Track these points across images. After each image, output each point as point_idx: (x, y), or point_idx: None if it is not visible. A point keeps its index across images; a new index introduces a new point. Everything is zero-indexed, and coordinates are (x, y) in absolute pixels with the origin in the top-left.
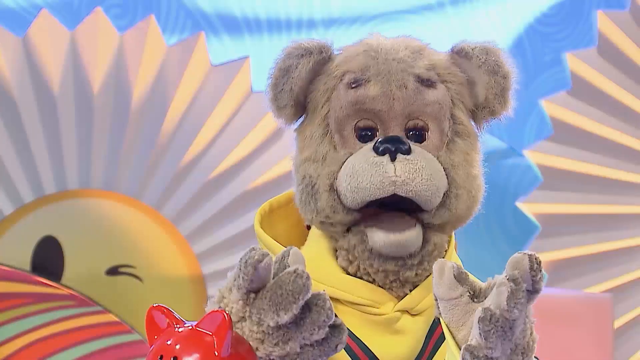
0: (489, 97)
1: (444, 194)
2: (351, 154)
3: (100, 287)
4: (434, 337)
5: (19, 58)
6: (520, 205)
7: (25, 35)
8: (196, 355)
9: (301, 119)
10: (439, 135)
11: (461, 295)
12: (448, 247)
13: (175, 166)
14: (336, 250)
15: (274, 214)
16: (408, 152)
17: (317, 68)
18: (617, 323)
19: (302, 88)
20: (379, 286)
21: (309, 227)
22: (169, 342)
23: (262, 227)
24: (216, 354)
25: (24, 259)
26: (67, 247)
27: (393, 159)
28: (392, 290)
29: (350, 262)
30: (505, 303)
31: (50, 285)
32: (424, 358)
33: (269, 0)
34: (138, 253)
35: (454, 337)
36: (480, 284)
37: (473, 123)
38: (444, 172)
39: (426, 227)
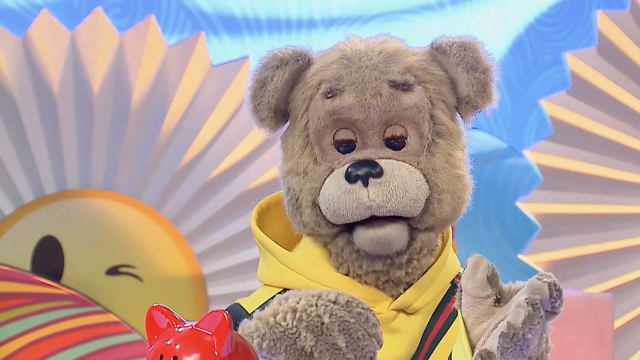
0: (470, 93)
1: (427, 200)
2: (331, 169)
3: (100, 287)
4: (430, 336)
5: (19, 58)
6: (520, 205)
7: (25, 35)
8: (196, 355)
9: (287, 124)
10: (419, 139)
11: (488, 297)
12: (444, 246)
13: (175, 166)
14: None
15: (270, 212)
16: (379, 174)
17: (295, 76)
18: (617, 323)
19: (280, 99)
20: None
21: None
22: (169, 342)
23: (258, 226)
24: (216, 354)
25: (24, 259)
26: (67, 247)
27: (365, 185)
28: (385, 290)
29: (341, 264)
30: (521, 325)
31: (50, 285)
32: (420, 356)
33: (269, 0)
34: (138, 253)
35: (467, 333)
36: (505, 288)
37: (460, 117)
38: (423, 180)
39: (412, 228)
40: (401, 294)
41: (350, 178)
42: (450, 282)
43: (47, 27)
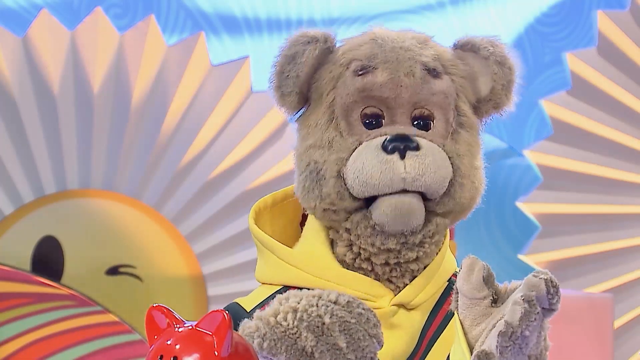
0: (496, 88)
1: (449, 183)
2: (359, 142)
3: (100, 287)
4: (429, 333)
5: (19, 58)
6: (520, 205)
7: (25, 35)
8: (196, 355)
9: (302, 110)
10: (444, 124)
11: (484, 298)
12: (443, 243)
13: (175, 166)
14: (333, 243)
15: (268, 211)
16: (417, 148)
17: (321, 57)
18: (617, 323)
19: (307, 75)
20: (378, 276)
21: (301, 225)
22: (169, 342)
23: (257, 224)
24: (216, 354)
25: (24, 259)
26: (67, 247)
27: (402, 157)
28: (391, 281)
29: (351, 246)
30: (518, 323)
31: (50, 285)
32: (419, 353)
33: (269, 0)
34: (138, 253)
35: (465, 334)
36: (501, 287)
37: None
38: (449, 162)
39: (429, 212)
40: (406, 285)
41: (387, 149)
42: (447, 281)
43: (47, 27)
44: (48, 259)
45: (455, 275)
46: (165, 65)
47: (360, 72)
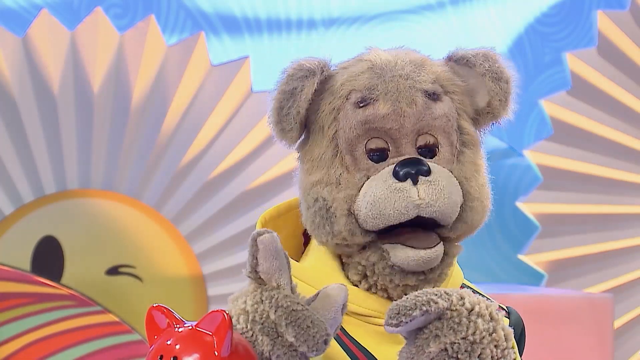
0: (494, 103)
1: (460, 207)
2: (367, 177)
3: (100, 287)
4: None
5: (19, 58)
6: (520, 205)
7: (25, 35)
8: (196, 355)
9: (301, 139)
10: (450, 148)
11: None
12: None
13: (175, 166)
14: (342, 262)
15: (274, 223)
16: (428, 172)
17: (319, 87)
18: (617, 323)
19: (307, 110)
20: (392, 299)
21: (304, 234)
22: (168, 342)
23: None
24: (216, 354)
25: (24, 259)
26: (67, 247)
27: (415, 182)
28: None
29: (366, 278)
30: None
31: (50, 285)
32: None
33: (269, 0)
34: (138, 253)
35: None
36: None
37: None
38: (459, 187)
39: (444, 240)
40: None
41: (399, 176)
42: None
43: (47, 27)
44: (48, 259)
45: (463, 287)
46: (165, 65)
47: (361, 105)
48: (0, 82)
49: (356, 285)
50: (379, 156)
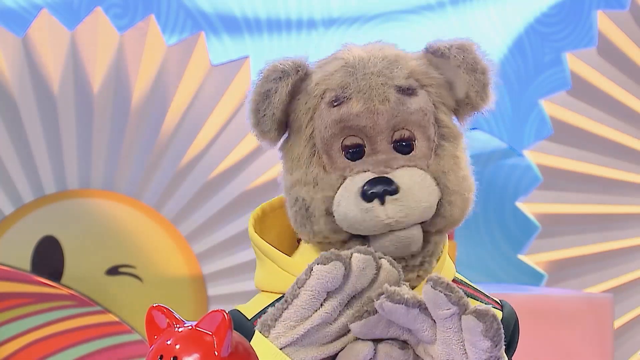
0: (471, 94)
1: (438, 203)
2: (343, 177)
3: (100, 287)
4: None
5: (19, 58)
6: (520, 205)
7: (25, 35)
8: (196, 355)
9: (284, 136)
10: (427, 142)
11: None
12: (442, 250)
13: (175, 166)
14: None
15: (267, 217)
16: (395, 191)
17: (295, 87)
18: (617, 323)
19: (283, 111)
20: None
21: None
22: (169, 342)
23: (256, 232)
24: (216, 354)
25: (24, 259)
26: (67, 247)
27: (382, 202)
28: None
29: None
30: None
31: (50, 285)
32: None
33: (269, 0)
34: (138, 253)
35: None
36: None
37: (456, 120)
38: (434, 184)
39: (425, 232)
40: None
41: (366, 196)
42: None
43: (47, 27)
44: (48, 259)
45: (455, 280)
46: (165, 65)
47: (335, 104)
48: (0, 82)
49: None
50: (355, 153)
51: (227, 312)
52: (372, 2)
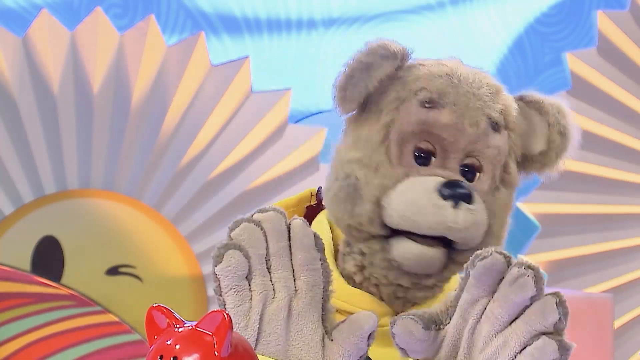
0: (550, 154)
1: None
2: (407, 175)
3: (100, 287)
4: None
5: (19, 58)
6: (520, 205)
7: (25, 35)
8: (196, 355)
9: (355, 111)
10: (490, 179)
11: (435, 338)
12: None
13: (175, 166)
14: (337, 254)
15: None
16: (471, 201)
17: (393, 72)
18: (617, 323)
19: (375, 88)
20: (380, 298)
21: None
22: (169, 342)
23: None
24: (216, 354)
25: (24, 259)
26: (67, 247)
27: (456, 205)
28: (392, 305)
29: (361, 269)
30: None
31: (50, 285)
32: None
33: (269, 0)
34: (138, 253)
35: None
36: (436, 309)
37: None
38: (487, 219)
39: (449, 259)
40: (404, 310)
41: (443, 194)
42: None
43: (47, 27)
44: (48, 259)
45: None
46: (165, 65)
47: (427, 105)
48: (0, 82)
49: (351, 279)
50: (423, 159)
51: (227, 312)
52: (372, 2)
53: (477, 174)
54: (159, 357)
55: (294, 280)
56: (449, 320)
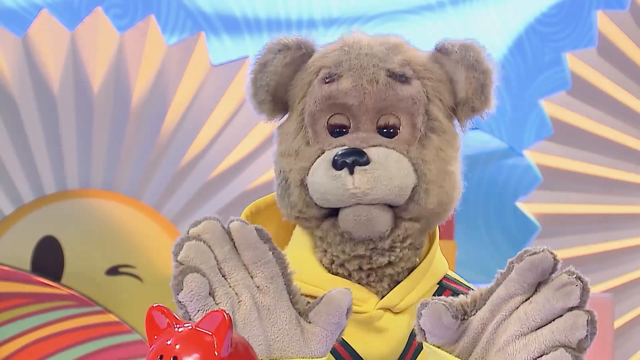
0: (469, 92)
1: (413, 189)
2: (322, 151)
3: (100, 287)
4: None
5: (19, 58)
6: (520, 205)
7: (25, 35)
8: (196, 355)
9: (286, 116)
10: (411, 130)
11: (458, 328)
12: (431, 247)
13: (175, 166)
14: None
15: (260, 215)
16: (366, 162)
17: (296, 64)
18: (617, 323)
19: (280, 83)
20: (357, 282)
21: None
22: (168, 342)
23: None
24: (216, 354)
25: (24, 259)
26: (67, 247)
27: (351, 172)
28: (370, 285)
29: (325, 252)
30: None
31: (50, 285)
32: (407, 356)
33: (269, 0)
34: (138, 253)
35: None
36: (464, 300)
37: (456, 121)
38: (411, 169)
39: (397, 217)
40: (387, 288)
41: (336, 165)
42: (437, 283)
43: (47, 27)
44: (48, 259)
45: (446, 277)
46: (165, 65)
47: (327, 80)
48: (0, 82)
49: (328, 269)
50: (339, 133)
51: (226, 312)
52: (372, 2)
53: (397, 129)
54: (159, 357)
55: (252, 278)
56: (475, 312)
